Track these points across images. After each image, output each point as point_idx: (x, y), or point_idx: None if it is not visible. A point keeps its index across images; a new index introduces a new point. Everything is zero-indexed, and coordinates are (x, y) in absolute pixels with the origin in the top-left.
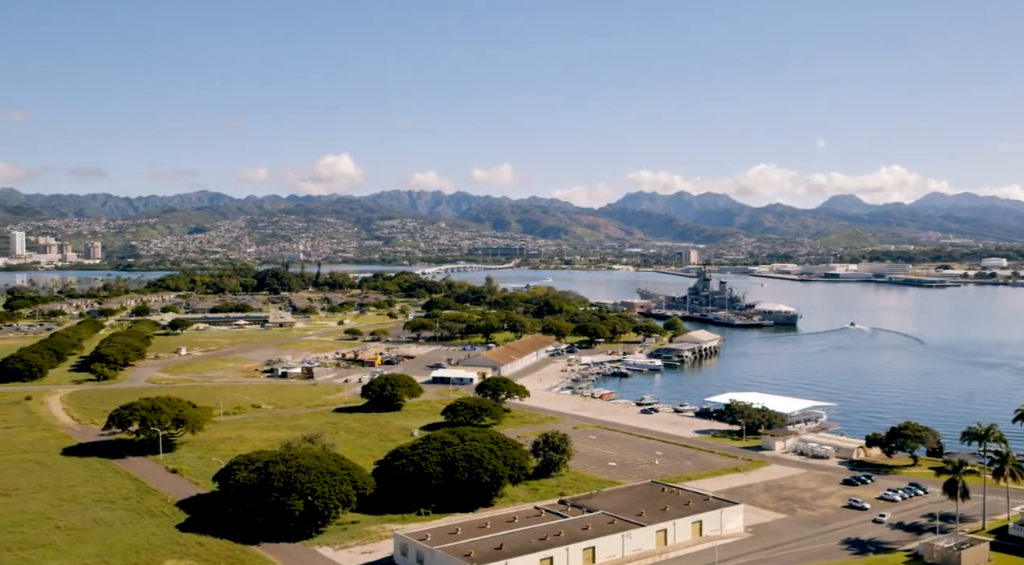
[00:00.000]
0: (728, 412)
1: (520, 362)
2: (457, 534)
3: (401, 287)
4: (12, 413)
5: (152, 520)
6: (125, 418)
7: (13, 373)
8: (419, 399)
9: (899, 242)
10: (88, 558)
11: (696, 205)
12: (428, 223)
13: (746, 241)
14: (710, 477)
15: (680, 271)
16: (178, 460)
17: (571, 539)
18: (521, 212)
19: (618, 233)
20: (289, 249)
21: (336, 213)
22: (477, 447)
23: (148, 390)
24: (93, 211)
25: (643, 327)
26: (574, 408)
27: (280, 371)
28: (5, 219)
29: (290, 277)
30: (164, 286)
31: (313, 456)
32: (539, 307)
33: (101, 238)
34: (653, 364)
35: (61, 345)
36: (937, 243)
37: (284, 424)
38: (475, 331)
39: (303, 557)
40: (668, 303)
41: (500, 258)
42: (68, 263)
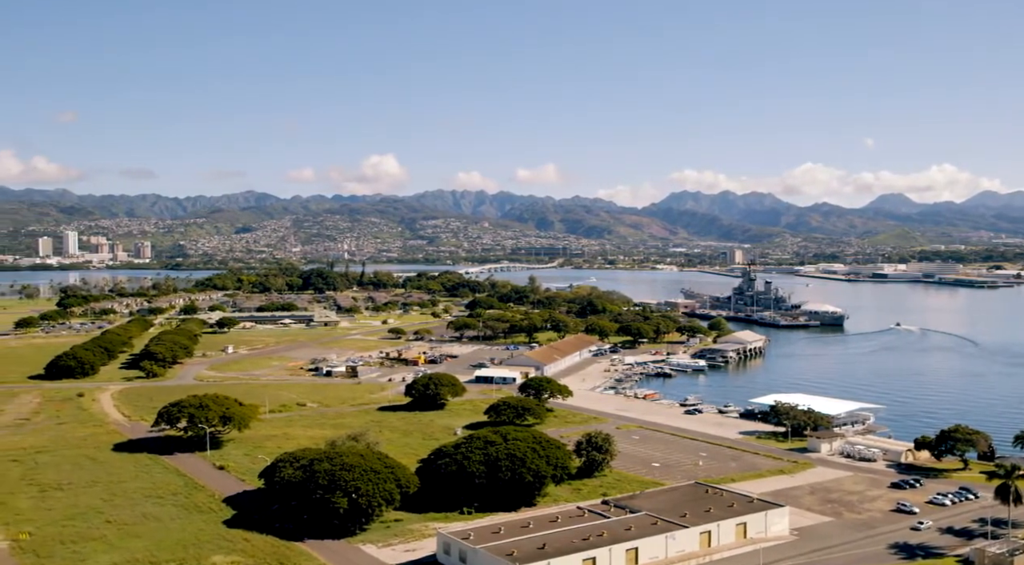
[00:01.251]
0: (773, 413)
1: (563, 362)
2: (500, 533)
3: (445, 287)
4: (65, 409)
5: (200, 516)
6: (174, 415)
7: (66, 370)
8: (462, 398)
9: (949, 242)
10: (137, 552)
11: (741, 204)
12: (472, 223)
13: (792, 241)
14: (755, 479)
15: (725, 271)
16: (225, 457)
17: (614, 540)
18: (564, 212)
19: (662, 233)
20: (334, 249)
21: (380, 213)
22: (520, 447)
23: (196, 388)
24: (143, 211)
25: (687, 327)
26: (617, 408)
27: (325, 370)
28: (59, 219)
29: (335, 276)
30: (211, 285)
31: (357, 454)
32: (582, 307)
33: (151, 238)
34: (697, 364)
35: (112, 343)
36: (989, 243)
37: (329, 422)
38: (518, 331)
39: (347, 554)
40: (712, 303)
41: (543, 258)
42: (119, 262)
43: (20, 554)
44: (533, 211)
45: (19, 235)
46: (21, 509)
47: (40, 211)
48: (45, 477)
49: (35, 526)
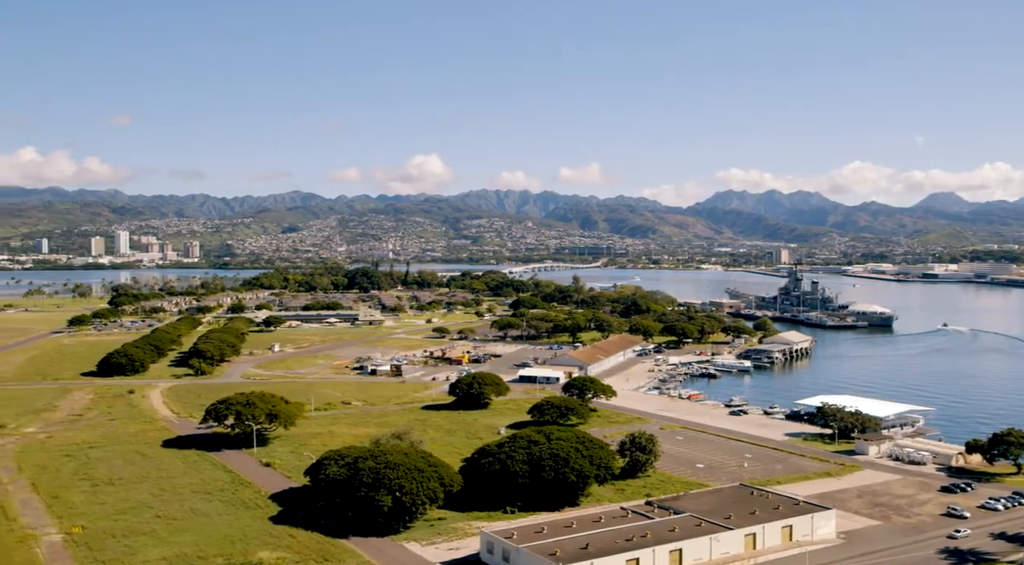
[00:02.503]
0: (820, 415)
1: (607, 362)
2: (543, 533)
3: (488, 286)
4: (116, 405)
5: (246, 512)
6: (221, 412)
7: (117, 367)
8: (506, 397)
9: (1002, 241)
10: (186, 547)
11: (787, 204)
12: (515, 222)
13: (839, 240)
14: (801, 481)
15: (770, 271)
16: (271, 454)
17: (658, 541)
18: (608, 211)
19: (707, 232)
20: (379, 248)
21: (425, 212)
22: (563, 446)
23: (243, 385)
24: (192, 211)
25: (732, 327)
26: (661, 409)
27: (369, 368)
28: (111, 219)
29: (380, 276)
30: (258, 284)
31: (401, 453)
32: (626, 307)
33: (199, 237)
34: (742, 365)
35: (162, 341)
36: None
37: (373, 420)
38: (562, 330)
39: (391, 552)
40: (758, 303)
41: (587, 257)
42: (168, 261)
43: (73, 547)
44: (577, 211)
45: (72, 235)
46: (74, 503)
47: (93, 211)
48: (97, 472)
49: (88, 520)
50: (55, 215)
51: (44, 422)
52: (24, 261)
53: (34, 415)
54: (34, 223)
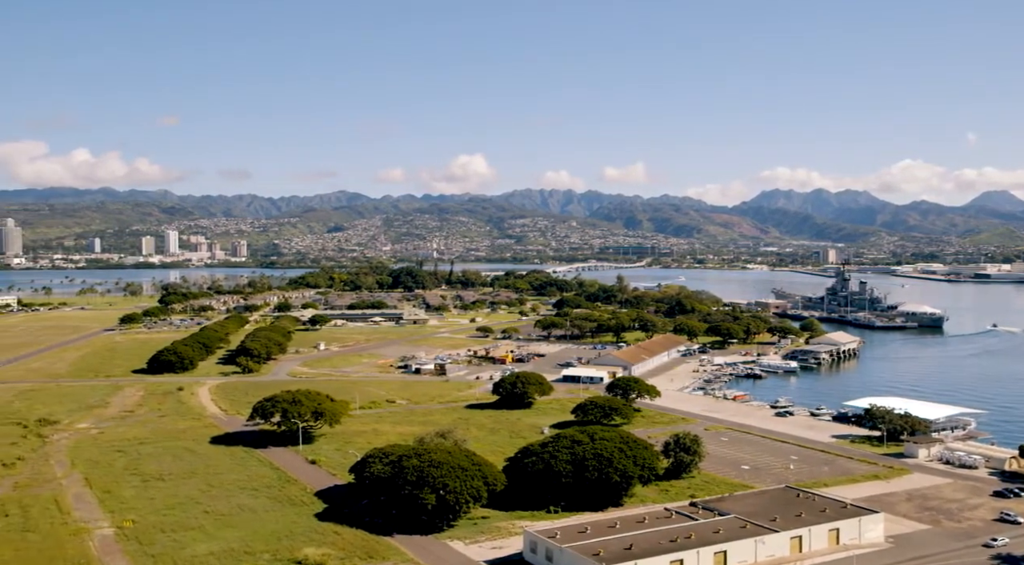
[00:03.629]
0: (868, 417)
1: (651, 362)
2: (586, 533)
3: (532, 285)
4: (166, 402)
5: (292, 508)
6: (268, 410)
7: (167, 365)
8: (549, 397)
9: None
10: (233, 542)
11: (835, 203)
12: (559, 222)
13: (888, 240)
14: (848, 484)
15: (817, 271)
16: (317, 451)
17: (702, 542)
18: (653, 211)
19: (752, 231)
20: (423, 247)
21: (469, 212)
22: (607, 446)
23: (289, 383)
24: (239, 211)
25: (778, 328)
26: (706, 409)
27: (414, 367)
28: (161, 219)
29: (424, 275)
30: (304, 283)
31: (445, 451)
32: (671, 306)
33: (246, 237)
34: (788, 366)
35: (210, 339)
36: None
37: (417, 419)
38: (606, 330)
39: (435, 550)
40: (804, 303)
41: (631, 257)
42: (216, 261)
43: (124, 541)
44: (621, 210)
45: (124, 234)
46: (125, 498)
47: (144, 211)
48: (147, 468)
49: (138, 514)
50: (107, 215)
51: (96, 418)
52: (77, 260)
53: (87, 411)
54: (87, 223)
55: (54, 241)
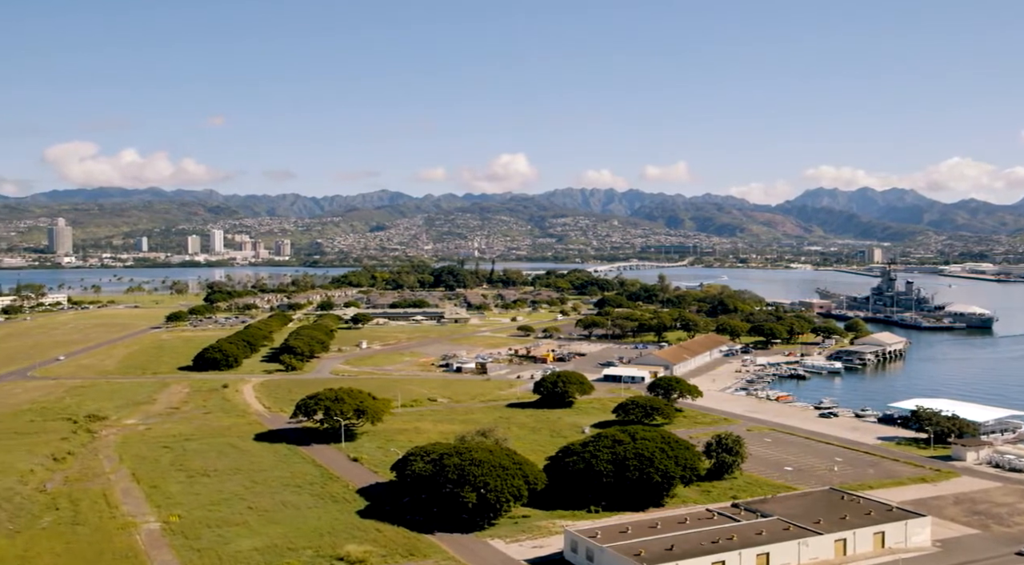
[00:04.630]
0: (914, 419)
1: (693, 362)
2: (627, 533)
3: (573, 285)
4: (211, 399)
5: (335, 505)
6: (310, 407)
7: (212, 362)
8: (590, 396)
9: None
10: (276, 538)
11: (880, 201)
12: (601, 221)
13: (935, 239)
14: (894, 486)
15: (862, 270)
16: (359, 449)
17: (744, 543)
18: (695, 209)
19: (796, 231)
20: (464, 246)
21: (510, 211)
22: (648, 446)
23: (331, 381)
24: (283, 210)
25: (822, 328)
26: (748, 410)
27: (455, 366)
28: (206, 218)
29: (465, 274)
30: (347, 282)
31: (486, 450)
32: (713, 306)
33: (290, 236)
34: (832, 366)
35: (254, 337)
36: None
37: (458, 418)
38: (647, 329)
39: (476, 549)
40: (849, 303)
41: (673, 256)
42: (260, 260)
43: (171, 535)
44: (663, 209)
45: (170, 233)
46: (171, 493)
47: (190, 211)
48: (193, 463)
49: (184, 510)
50: (154, 214)
51: (143, 414)
52: (126, 259)
53: (134, 407)
54: (135, 222)
55: (103, 240)
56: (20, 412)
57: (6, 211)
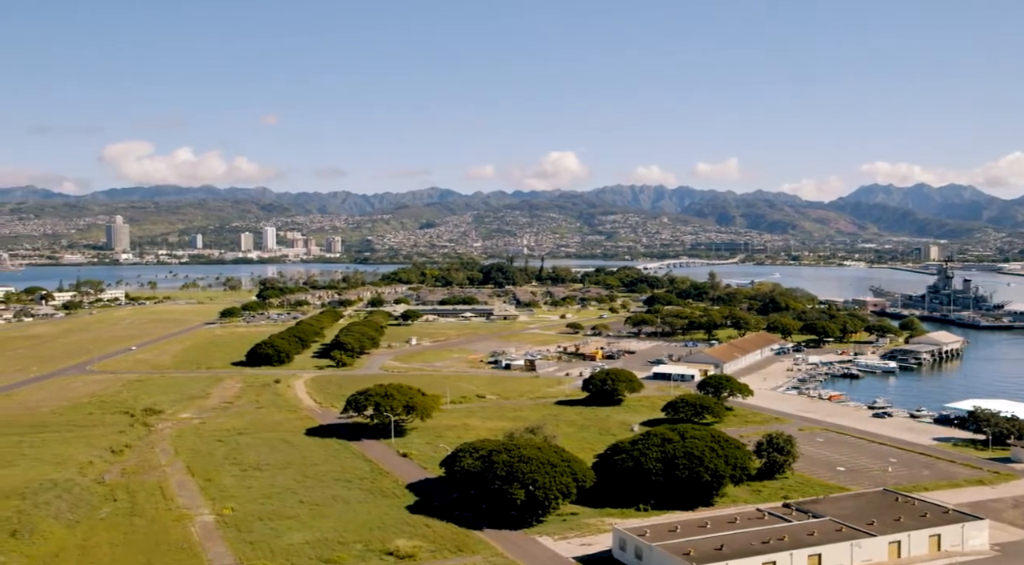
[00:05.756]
0: (972, 420)
1: (743, 360)
2: (676, 532)
3: (622, 282)
4: (263, 394)
5: (384, 500)
6: (361, 403)
7: (264, 358)
8: (639, 394)
9: None
10: (327, 532)
11: (937, 198)
12: (650, 218)
13: (995, 236)
14: (950, 488)
15: (918, 268)
16: (408, 445)
17: (795, 544)
18: (746, 206)
19: (850, 228)
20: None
21: (559, 208)
22: (698, 445)
23: (381, 377)
24: (334, 208)
25: (876, 327)
26: (800, 409)
27: (504, 363)
28: (259, 216)
29: (514, 271)
30: (396, 279)
31: (535, 447)
32: (764, 304)
33: (341, 233)
34: (887, 366)
35: (305, 333)
36: None
37: (507, 414)
38: (697, 327)
39: (524, 545)
40: (904, 302)
41: (723, 253)
42: (312, 256)
43: (224, 528)
44: (713, 206)
45: (224, 231)
46: (225, 486)
47: (243, 208)
48: (246, 457)
49: (237, 503)
50: (208, 212)
51: (198, 408)
52: (181, 256)
53: (189, 401)
54: (189, 220)
55: (159, 237)
56: (80, 405)
57: (67, 209)
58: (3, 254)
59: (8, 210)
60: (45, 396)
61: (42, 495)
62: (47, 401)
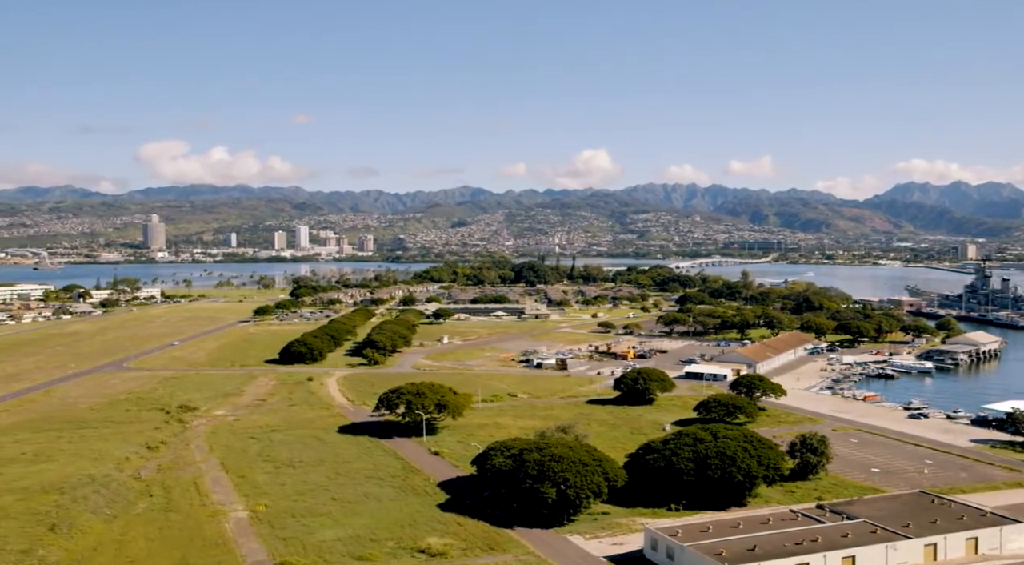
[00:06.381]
0: (1011, 421)
1: (776, 360)
2: (708, 532)
3: (654, 281)
4: (296, 392)
5: (416, 498)
6: (392, 401)
7: (297, 356)
8: (671, 394)
9: None
10: (359, 529)
11: (975, 196)
12: (683, 216)
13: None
14: (988, 491)
15: (955, 267)
16: (439, 443)
17: (829, 546)
18: (779, 205)
19: (885, 226)
20: (545, 242)
21: (591, 207)
22: (730, 445)
23: (413, 375)
24: (366, 207)
25: (912, 326)
26: (833, 409)
27: (535, 361)
28: (292, 215)
29: (546, 270)
30: (428, 277)
31: (566, 446)
32: (797, 303)
33: (373, 232)
34: (923, 366)
35: (338, 331)
36: None
37: (538, 413)
38: (729, 326)
39: (555, 544)
40: (941, 301)
41: (756, 252)
42: (344, 255)
43: (258, 524)
44: (746, 204)
45: (258, 229)
46: (259, 483)
47: (276, 207)
48: (279, 454)
49: (270, 499)
50: (243, 211)
51: (232, 405)
52: (215, 254)
53: (223, 399)
54: (224, 219)
55: (194, 236)
56: (117, 402)
57: (104, 208)
58: (43, 252)
59: (48, 209)
60: (83, 393)
61: (80, 490)
62: (85, 397)
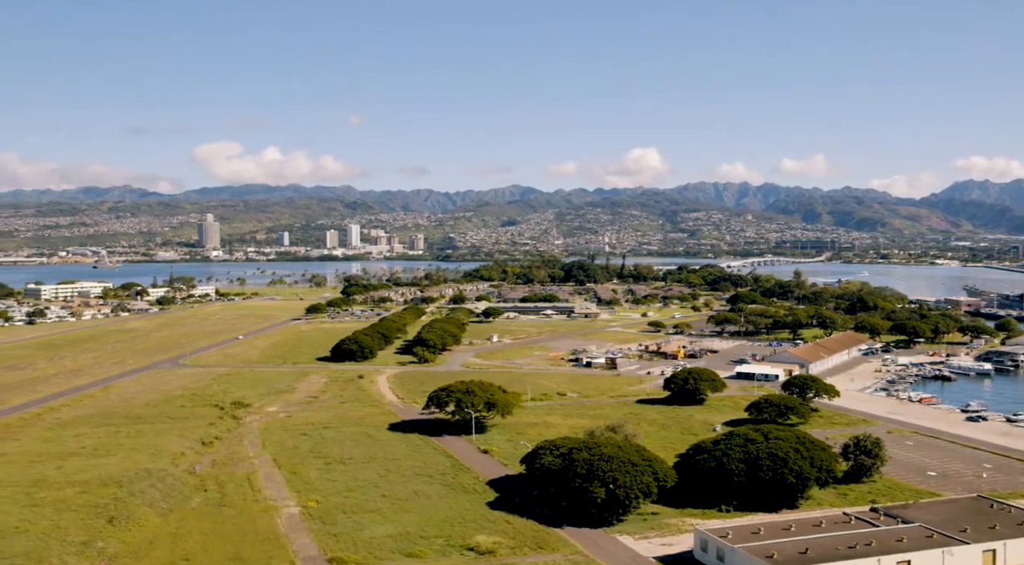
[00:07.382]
0: None
1: (829, 360)
2: (759, 534)
3: (705, 280)
4: (347, 389)
5: (465, 496)
6: (442, 399)
7: (348, 353)
8: (722, 394)
9: None
10: (409, 526)
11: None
12: (734, 215)
13: None
14: None
15: (1016, 267)
16: (489, 441)
17: (883, 550)
18: (833, 203)
19: (942, 225)
20: (594, 241)
21: (641, 206)
22: (782, 446)
23: (463, 374)
24: (417, 205)
25: (970, 327)
26: (888, 411)
27: (584, 360)
28: (344, 214)
29: (595, 269)
30: (478, 276)
31: (615, 445)
32: (851, 303)
33: (423, 230)
34: (981, 368)
35: (388, 329)
36: None
37: (587, 412)
38: (781, 326)
39: (604, 544)
40: (1001, 302)
41: (809, 251)
42: (395, 254)
43: (309, 520)
44: (799, 203)
45: (310, 228)
46: (310, 479)
47: (328, 206)
48: (330, 451)
49: (321, 495)
50: (295, 210)
51: (284, 402)
52: (268, 253)
53: (276, 396)
54: (277, 218)
55: (247, 235)
56: (172, 398)
57: (161, 208)
58: (102, 251)
59: (107, 208)
60: (140, 389)
61: (137, 484)
62: (142, 393)
